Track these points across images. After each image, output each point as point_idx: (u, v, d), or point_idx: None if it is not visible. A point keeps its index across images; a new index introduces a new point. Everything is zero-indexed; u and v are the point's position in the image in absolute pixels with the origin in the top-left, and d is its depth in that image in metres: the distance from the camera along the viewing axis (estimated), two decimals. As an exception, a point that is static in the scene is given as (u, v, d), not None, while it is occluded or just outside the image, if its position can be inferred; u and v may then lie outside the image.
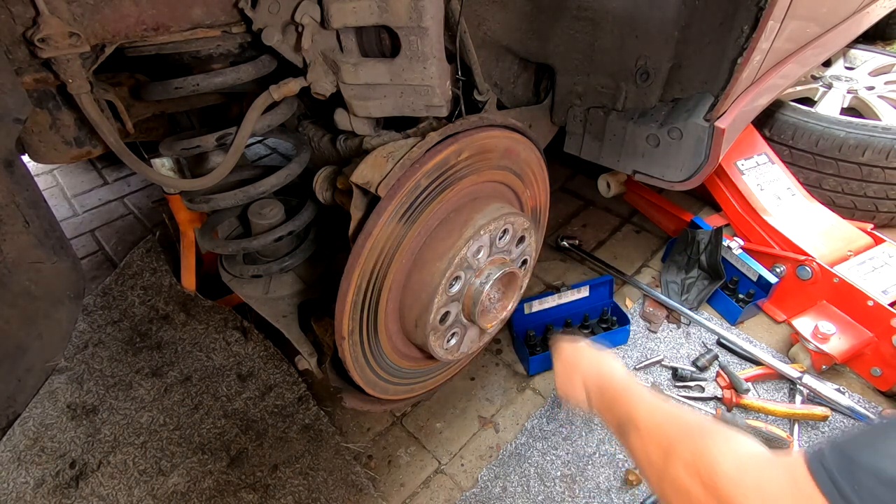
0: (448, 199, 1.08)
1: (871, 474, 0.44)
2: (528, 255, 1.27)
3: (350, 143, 1.24)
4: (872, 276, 1.63)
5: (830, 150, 1.89)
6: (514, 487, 1.36)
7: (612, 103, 1.40)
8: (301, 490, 1.35)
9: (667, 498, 0.67)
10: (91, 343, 1.69)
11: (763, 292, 1.71)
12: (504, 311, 1.25)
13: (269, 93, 1.01)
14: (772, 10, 1.04)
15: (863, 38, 2.35)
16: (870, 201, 1.94)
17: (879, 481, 0.43)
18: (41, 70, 0.78)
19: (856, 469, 0.45)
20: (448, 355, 1.20)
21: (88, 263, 2.21)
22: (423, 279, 1.06)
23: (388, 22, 0.95)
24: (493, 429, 1.50)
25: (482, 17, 1.31)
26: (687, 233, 1.85)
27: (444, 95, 1.05)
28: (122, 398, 1.55)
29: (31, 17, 0.72)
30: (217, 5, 0.91)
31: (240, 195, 1.15)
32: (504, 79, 1.49)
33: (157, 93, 0.97)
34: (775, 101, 1.98)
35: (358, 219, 0.99)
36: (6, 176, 0.70)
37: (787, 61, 1.47)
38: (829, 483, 0.46)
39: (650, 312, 1.79)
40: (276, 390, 1.56)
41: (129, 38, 0.84)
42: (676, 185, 1.37)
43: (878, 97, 2.25)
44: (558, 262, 2.04)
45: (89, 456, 1.42)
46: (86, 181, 2.78)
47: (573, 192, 2.41)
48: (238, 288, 1.34)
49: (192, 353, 1.65)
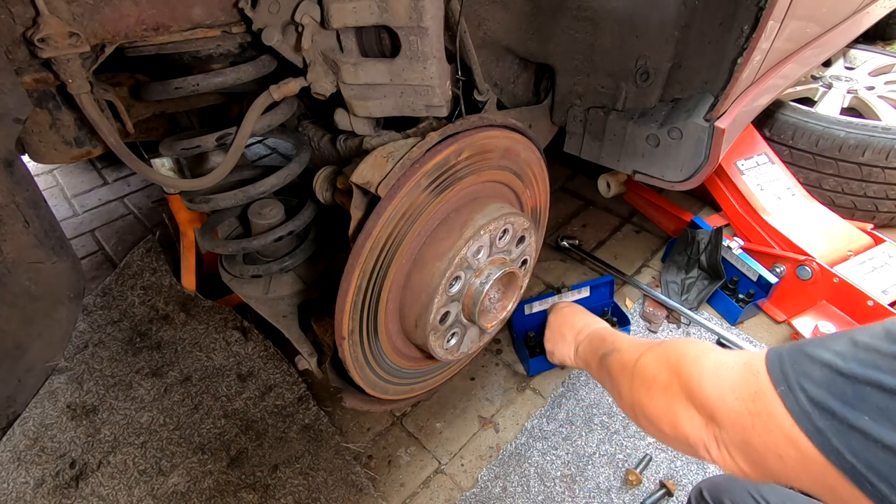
0: (448, 199, 1.08)
1: (809, 357, 0.51)
2: (528, 255, 1.27)
3: (350, 143, 1.24)
4: (872, 276, 1.63)
5: (830, 150, 1.89)
6: (514, 487, 1.36)
7: (612, 103, 1.40)
8: (301, 490, 1.35)
9: (636, 395, 0.76)
10: (91, 343, 1.69)
11: (763, 292, 1.71)
12: (504, 311, 1.25)
13: (269, 93, 1.01)
14: (772, 10, 1.04)
15: (863, 38, 2.35)
16: (870, 201, 1.94)
17: (811, 360, 0.51)
18: (41, 70, 0.78)
19: (800, 356, 0.52)
20: (448, 355, 1.20)
21: (88, 263, 2.21)
22: (423, 279, 1.06)
23: (388, 22, 0.95)
24: (493, 429, 1.50)
25: (482, 17, 1.31)
26: (687, 233, 1.85)
27: (444, 95, 1.04)
28: (122, 398, 1.55)
29: (31, 17, 0.72)
30: (217, 5, 0.91)
31: (240, 195, 1.15)
32: (504, 79, 1.49)
33: (157, 93, 0.97)
34: (775, 101, 1.98)
35: (358, 219, 0.99)
36: (6, 176, 0.70)
37: (787, 61, 1.47)
38: (776, 363, 0.54)
39: (650, 312, 1.79)
40: (276, 390, 1.56)
41: (129, 38, 0.84)
42: (676, 185, 1.37)
43: (878, 97, 2.25)
44: (558, 262, 2.04)
45: (89, 456, 1.42)
46: (86, 181, 2.79)
47: (573, 192, 2.41)
48: (238, 288, 1.34)
49: (192, 353, 1.65)
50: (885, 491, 0.43)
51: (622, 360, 0.83)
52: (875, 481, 0.43)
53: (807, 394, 0.49)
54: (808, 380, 0.50)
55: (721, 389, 0.60)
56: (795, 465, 0.50)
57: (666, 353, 0.72)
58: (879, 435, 0.43)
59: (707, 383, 0.62)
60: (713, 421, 0.61)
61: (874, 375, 0.45)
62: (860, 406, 0.45)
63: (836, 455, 0.46)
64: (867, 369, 0.45)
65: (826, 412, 0.47)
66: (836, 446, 0.46)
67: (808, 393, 0.49)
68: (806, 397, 0.49)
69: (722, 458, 0.60)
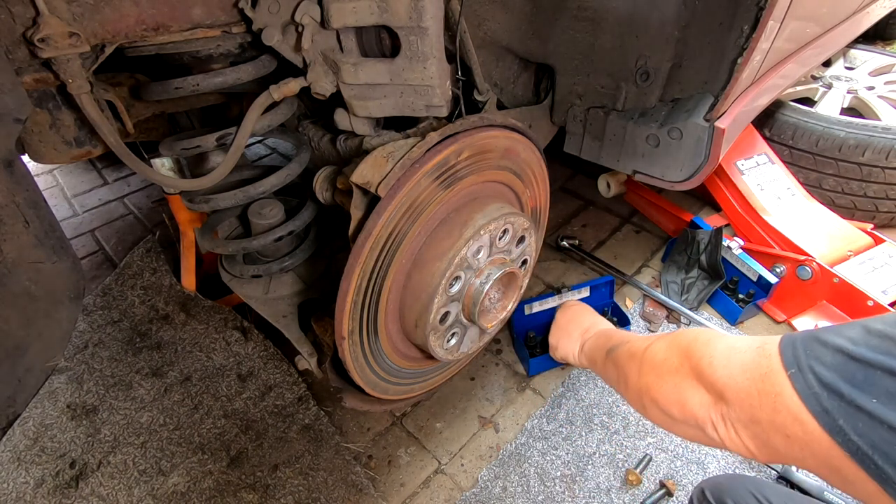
0: (448, 199, 1.08)
1: (822, 342, 0.52)
2: (528, 255, 1.27)
3: (350, 143, 1.24)
4: (872, 276, 1.63)
5: (830, 150, 1.89)
6: (514, 487, 1.36)
7: (612, 103, 1.40)
8: (301, 490, 1.35)
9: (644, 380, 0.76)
10: (91, 343, 1.69)
11: (763, 292, 1.71)
12: (504, 311, 1.25)
13: (269, 93, 1.01)
14: (772, 10, 1.04)
15: (863, 38, 2.35)
16: (870, 201, 1.94)
17: (824, 345, 0.51)
18: (41, 70, 0.78)
19: (814, 342, 0.53)
20: (448, 355, 1.20)
21: (88, 263, 2.21)
22: (423, 279, 1.06)
23: (388, 22, 0.95)
24: (493, 429, 1.50)
25: (482, 17, 1.31)
26: (687, 233, 1.85)
27: (444, 95, 1.04)
28: (122, 398, 1.55)
29: (31, 17, 0.72)
30: (217, 5, 0.91)
31: (240, 195, 1.15)
32: (504, 79, 1.49)
33: (157, 93, 0.97)
34: (775, 101, 1.98)
35: (358, 219, 0.99)
36: (6, 176, 0.70)
37: (787, 61, 1.47)
38: (788, 347, 0.55)
39: (650, 312, 1.79)
40: (276, 390, 1.56)
41: (129, 38, 0.84)
42: (676, 185, 1.37)
43: (878, 97, 2.25)
44: (558, 262, 2.04)
45: (89, 456, 1.42)
46: (86, 181, 2.79)
47: (573, 192, 2.41)
48: (238, 288, 1.34)
49: (192, 353, 1.65)
50: (889, 471, 0.44)
51: (631, 349, 0.84)
52: (879, 461, 0.44)
53: (816, 376, 0.50)
54: (818, 363, 0.50)
55: (732, 370, 0.61)
56: (801, 444, 0.51)
57: (677, 339, 0.73)
58: (886, 417, 0.44)
59: (718, 364, 0.63)
60: (722, 399, 0.61)
61: (885, 360, 0.45)
62: (869, 389, 0.46)
63: (842, 435, 0.47)
64: (878, 354, 0.46)
65: (834, 394, 0.48)
66: (843, 427, 0.47)
67: (817, 375, 0.50)
68: (815, 379, 0.50)
69: (729, 437, 0.61)
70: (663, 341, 0.76)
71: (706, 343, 0.67)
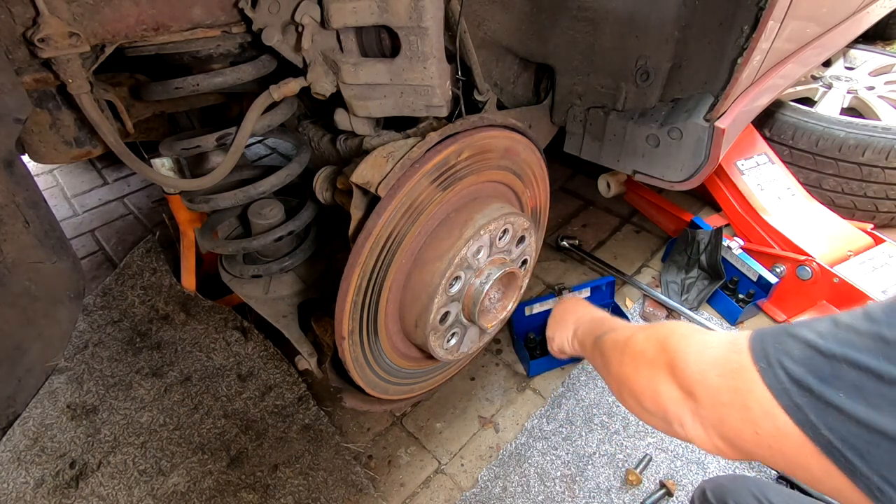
0: (448, 199, 1.08)
1: (791, 336, 0.52)
2: (528, 255, 1.27)
3: (350, 143, 1.24)
4: (872, 276, 1.63)
5: (830, 150, 1.89)
6: (514, 487, 1.36)
7: (612, 103, 1.40)
8: (301, 490, 1.35)
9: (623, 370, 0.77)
10: (91, 343, 1.69)
11: (763, 292, 1.71)
12: (504, 311, 1.25)
13: (269, 93, 1.01)
14: (772, 10, 1.04)
15: (863, 38, 2.35)
16: (870, 201, 1.94)
17: (793, 339, 0.51)
18: (41, 70, 0.78)
19: (783, 335, 0.53)
20: (448, 355, 1.20)
21: (88, 263, 2.21)
22: (423, 279, 1.06)
23: (388, 22, 0.95)
24: (493, 429, 1.50)
25: (482, 17, 1.31)
26: (687, 233, 1.85)
27: (444, 95, 1.05)
28: (122, 398, 1.55)
29: (31, 17, 0.72)
30: (217, 5, 0.91)
31: (240, 195, 1.15)
32: (504, 79, 1.49)
33: (157, 93, 0.97)
34: (775, 101, 1.98)
35: (358, 219, 0.99)
36: (6, 176, 0.70)
37: (787, 61, 1.47)
38: (758, 341, 0.55)
39: (650, 312, 1.79)
40: (276, 390, 1.56)
41: (129, 38, 0.84)
42: (676, 185, 1.37)
43: (878, 97, 2.25)
44: (558, 262, 2.04)
45: (89, 456, 1.42)
46: (86, 181, 2.78)
47: (573, 192, 2.41)
48: (238, 288, 1.35)
49: (192, 353, 1.65)
50: (858, 464, 0.44)
51: (615, 338, 0.85)
52: (849, 455, 0.44)
53: (786, 370, 0.50)
54: (787, 357, 0.51)
55: (703, 365, 0.61)
56: (771, 440, 0.51)
57: (657, 331, 0.73)
58: (853, 411, 0.44)
59: (691, 360, 0.63)
60: (691, 396, 0.61)
61: (850, 353, 0.46)
62: (836, 383, 0.46)
63: (813, 430, 0.47)
64: (844, 347, 0.47)
65: (804, 389, 0.48)
66: (814, 421, 0.47)
67: (787, 369, 0.50)
68: (785, 374, 0.50)
69: (696, 434, 0.61)
70: (644, 332, 0.77)
71: (682, 337, 0.67)
